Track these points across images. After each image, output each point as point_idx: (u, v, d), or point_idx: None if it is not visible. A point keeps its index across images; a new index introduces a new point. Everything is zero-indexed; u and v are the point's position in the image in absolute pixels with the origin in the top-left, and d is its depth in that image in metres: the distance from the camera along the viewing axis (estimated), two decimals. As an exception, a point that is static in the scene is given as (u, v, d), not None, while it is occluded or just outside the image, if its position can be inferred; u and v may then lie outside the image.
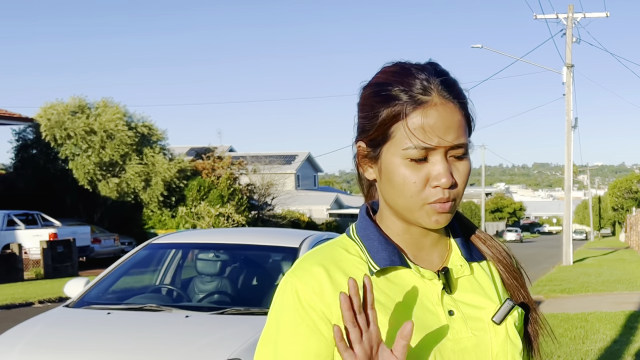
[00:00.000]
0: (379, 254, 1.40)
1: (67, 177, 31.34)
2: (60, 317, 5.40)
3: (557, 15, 28.80)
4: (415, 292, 1.39)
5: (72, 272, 21.80)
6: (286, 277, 1.40)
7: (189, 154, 42.42)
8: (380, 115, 1.37)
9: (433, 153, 1.34)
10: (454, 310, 1.40)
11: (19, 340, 4.84)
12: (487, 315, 1.41)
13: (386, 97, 1.37)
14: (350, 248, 1.45)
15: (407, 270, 1.41)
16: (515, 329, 1.42)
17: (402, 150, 1.34)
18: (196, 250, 6.21)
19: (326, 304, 1.35)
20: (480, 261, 1.50)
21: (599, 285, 17.79)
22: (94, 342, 4.80)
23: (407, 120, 1.34)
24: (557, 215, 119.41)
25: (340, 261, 1.41)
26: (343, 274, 1.38)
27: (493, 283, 1.48)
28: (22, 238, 23.51)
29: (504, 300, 1.43)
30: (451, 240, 1.49)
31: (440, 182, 1.34)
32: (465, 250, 1.48)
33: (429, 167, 1.35)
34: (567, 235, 28.66)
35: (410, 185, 1.35)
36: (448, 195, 1.35)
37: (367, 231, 1.45)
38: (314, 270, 1.38)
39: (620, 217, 68.65)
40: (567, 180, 28.93)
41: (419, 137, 1.33)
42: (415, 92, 1.35)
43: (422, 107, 1.34)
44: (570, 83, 28.23)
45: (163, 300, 5.81)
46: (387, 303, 1.37)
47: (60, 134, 30.88)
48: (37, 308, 14.24)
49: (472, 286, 1.45)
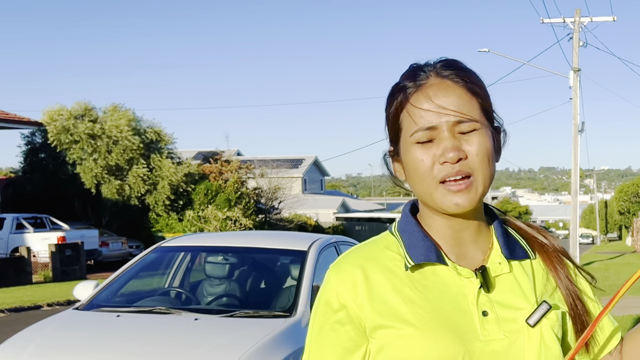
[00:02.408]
0: (415, 249, 1.40)
1: (75, 180, 31.42)
2: (70, 319, 5.43)
3: (564, 19, 28.77)
4: (450, 290, 1.38)
5: (80, 276, 21.83)
6: (328, 271, 1.45)
7: (197, 157, 42.46)
8: (390, 112, 1.43)
9: (438, 132, 1.35)
10: (488, 310, 1.36)
11: (29, 343, 4.88)
12: (522, 317, 1.37)
13: (392, 93, 1.43)
14: (391, 245, 1.45)
15: (444, 267, 1.40)
16: (553, 333, 1.37)
17: (410, 136, 1.37)
18: (205, 254, 6.25)
19: (358, 305, 1.37)
20: (522, 260, 1.45)
21: (606, 289, 17.69)
22: (104, 345, 4.83)
23: (407, 106, 1.38)
24: (564, 219, 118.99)
25: (379, 259, 1.42)
26: (379, 273, 1.40)
27: (533, 283, 1.43)
28: (31, 241, 23.56)
29: (540, 302, 1.38)
30: (493, 236, 1.46)
31: (446, 157, 1.33)
32: (506, 248, 1.43)
33: (436, 146, 1.35)
34: (574, 239, 28.59)
35: (420, 165, 1.36)
36: (458, 169, 1.33)
37: (407, 227, 1.45)
38: (351, 270, 1.41)
39: (626, 221, 68.39)
40: (574, 184, 28.88)
41: (420, 118, 1.36)
42: (416, 79, 1.39)
43: (420, 89, 1.37)
44: (577, 87, 28.19)
45: (172, 303, 5.84)
46: (419, 300, 1.36)
47: (66, 138, 30.99)
48: (46, 311, 14.28)
49: (510, 286, 1.41)
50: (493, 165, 1.40)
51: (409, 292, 1.37)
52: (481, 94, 1.40)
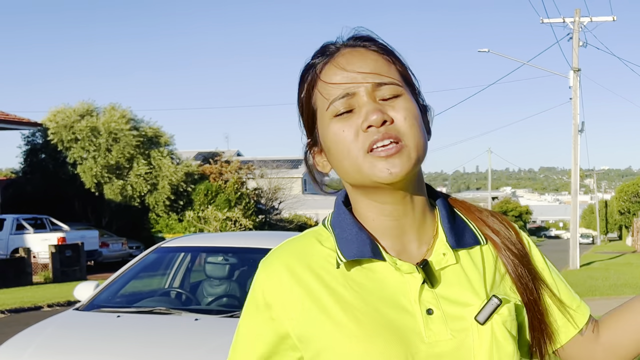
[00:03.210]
0: (348, 244, 1.25)
1: (75, 181, 31.44)
2: (71, 320, 5.44)
3: (564, 19, 28.80)
4: (389, 288, 1.23)
5: (81, 276, 21.83)
6: (257, 270, 1.33)
7: (197, 158, 42.47)
8: (302, 96, 1.29)
9: (357, 99, 1.21)
10: (433, 308, 1.22)
11: (29, 344, 4.88)
12: (471, 314, 1.22)
13: (302, 74, 1.29)
14: (324, 240, 1.30)
15: (382, 263, 1.24)
16: (505, 330, 1.23)
17: (326, 111, 1.23)
18: (205, 254, 6.25)
19: (284, 306, 1.25)
20: (471, 247, 1.30)
21: (606, 289, 17.75)
22: (104, 345, 4.83)
23: (318, 81, 1.25)
24: (564, 219, 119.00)
25: (310, 255, 1.28)
26: (308, 271, 1.26)
27: (483, 274, 1.28)
28: (31, 242, 23.57)
29: (490, 297, 1.23)
30: (438, 223, 1.31)
31: (370, 120, 1.19)
32: (452, 236, 1.28)
33: (357, 115, 1.21)
34: (574, 239, 28.63)
35: (342, 138, 1.21)
36: (385, 132, 1.18)
37: (340, 219, 1.29)
38: (279, 268, 1.28)
39: (627, 221, 68.36)
40: (574, 184, 28.89)
41: (334, 89, 1.22)
42: (325, 53, 1.27)
43: (331, 61, 1.25)
44: (577, 87, 28.21)
45: (172, 303, 5.85)
46: (354, 300, 1.22)
47: (67, 137, 31.03)
48: (46, 312, 14.29)
49: (457, 279, 1.26)
50: (424, 134, 1.24)
51: (343, 291, 1.23)
52: (400, 62, 1.27)
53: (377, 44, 1.27)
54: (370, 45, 1.26)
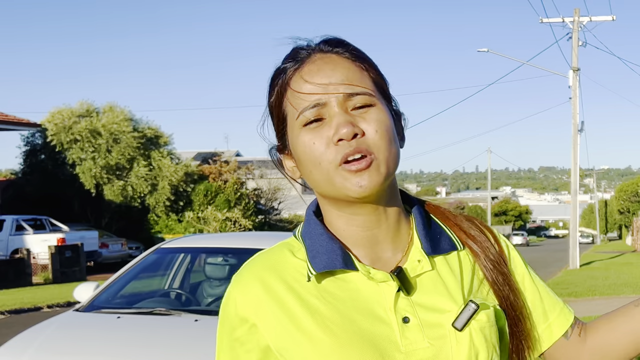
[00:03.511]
0: (318, 256, 1.22)
1: (75, 182, 31.45)
2: (71, 321, 5.44)
3: (563, 19, 28.80)
4: (363, 297, 1.21)
5: (80, 277, 21.84)
6: (230, 285, 1.29)
7: (196, 159, 42.47)
8: (272, 100, 1.25)
9: (328, 110, 1.18)
10: (409, 316, 1.19)
11: (30, 344, 4.88)
12: (448, 320, 1.20)
13: (273, 78, 1.26)
14: (296, 251, 1.28)
15: (355, 273, 1.22)
16: (483, 336, 1.20)
17: (296, 120, 1.20)
18: (204, 255, 6.25)
19: (261, 320, 1.22)
20: (448, 253, 1.28)
21: (606, 288, 17.75)
22: (105, 346, 4.83)
23: (288, 89, 1.22)
24: (564, 219, 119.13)
25: (282, 268, 1.25)
26: (282, 284, 1.23)
27: (460, 279, 1.26)
28: (31, 243, 23.59)
29: (467, 302, 1.21)
30: (414, 229, 1.28)
31: (340, 134, 1.16)
32: (427, 242, 1.26)
33: (327, 126, 1.18)
34: (574, 238, 28.63)
35: (312, 150, 1.18)
36: (355, 146, 1.16)
37: (310, 229, 1.27)
38: (252, 282, 1.25)
39: (626, 220, 68.39)
40: (574, 184, 28.90)
41: (305, 97, 1.19)
42: (296, 57, 1.23)
43: (302, 67, 1.21)
44: (577, 87, 28.21)
45: (172, 304, 5.84)
46: (328, 313, 1.19)
47: (66, 137, 31.03)
48: (46, 312, 14.29)
49: (434, 285, 1.23)
50: (396, 145, 1.22)
51: (317, 303, 1.20)
52: (373, 69, 1.24)
53: (349, 50, 1.24)
54: (342, 51, 1.23)
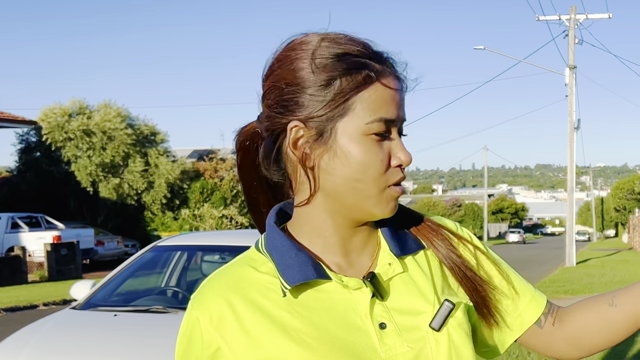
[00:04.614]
0: (290, 269, 1.18)
1: (70, 179, 31.43)
2: (67, 319, 5.42)
3: (560, 16, 28.79)
4: (338, 307, 1.18)
5: (76, 275, 21.82)
6: (189, 303, 1.23)
7: (192, 156, 42.43)
8: (335, 85, 1.16)
9: (393, 129, 1.19)
10: (385, 322, 1.18)
11: (26, 342, 4.86)
12: (425, 322, 1.19)
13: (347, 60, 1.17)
14: (260, 265, 1.22)
15: (328, 282, 1.19)
16: (463, 333, 1.21)
17: (365, 124, 1.15)
18: (201, 253, 6.24)
19: (227, 343, 1.16)
20: (415, 252, 1.27)
21: (602, 286, 17.77)
22: (101, 345, 4.82)
23: (373, 86, 1.17)
24: (560, 217, 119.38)
25: (246, 285, 1.20)
26: (246, 302, 1.18)
27: (431, 278, 1.25)
28: (26, 241, 23.54)
29: (442, 302, 1.20)
30: (380, 233, 1.27)
31: (403, 160, 1.18)
32: (395, 244, 1.25)
33: (391, 144, 1.18)
34: (570, 236, 28.64)
35: (377, 165, 1.16)
36: (402, 175, 1.19)
37: (275, 242, 1.22)
38: (215, 302, 1.19)
39: (623, 218, 68.57)
40: (570, 182, 28.92)
41: (386, 108, 1.17)
42: (376, 59, 1.19)
43: (384, 74, 1.18)
44: (573, 84, 28.22)
45: (169, 302, 5.83)
46: (302, 326, 1.15)
47: (60, 136, 30.99)
48: (42, 310, 14.27)
49: (406, 287, 1.22)
50: None
51: (289, 318, 1.16)
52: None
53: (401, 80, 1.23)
54: (400, 76, 1.22)
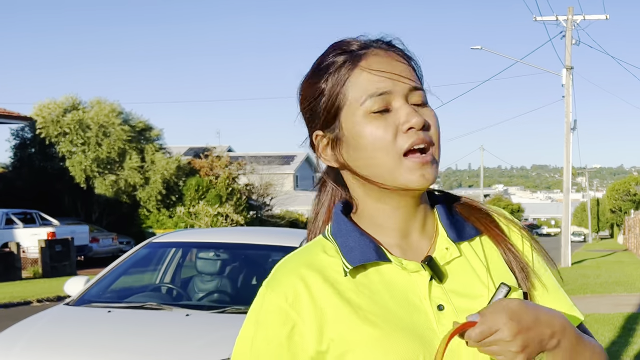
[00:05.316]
0: (352, 251, 1.25)
1: (65, 175, 31.37)
2: (61, 315, 5.40)
3: (557, 17, 28.81)
4: (399, 288, 1.23)
5: (70, 271, 21.77)
6: (262, 287, 1.29)
7: (187, 154, 42.41)
8: (324, 87, 1.25)
9: (394, 100, 1.21)
10: (443, 304, 1.22)
11: (19, 338, 4.84)
12: (481, 305, 1.20)
13: (325, 67, 1.25)
14: (328, 249, 1.29)
15: (388, 265, 1.25)
16: None
17: (361, 106, 1.21)
18: (196, 250, 6.22)
19: (301, 316, 1.22)
20: (472, 239, 1.31)
21: (598, 287, 17.79)
22: (95, 341, 4.80)
23: (353, 73, 1.22)
24: (556, 217, 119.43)
25: (320, 265, 1.27)
26: (322, 280, 1.24)
27: (486, 263, 1.29)
28: (20, 237, 23.50)
29: (498, 285, 1.20)
30: (437, 219, 1.32)
31: (411, 122, 1.19)
32: (452, 229, 1.29)
33: (395, 115, 1.21)
34: (566, 237, 28.72)
35: (381, 138, 1.20)
36: (423, 137, 1.20)
37: (340, 227, 1.29)
38: (289, 281, 1.26)
39: (618, 219, 68.63)
40: (566, 182, 28.97)
41: (373, 83, 1.21)
42: (354, 49, 1.25)
43: (364, 57, 1.23)
44: (570, 85, 28.25)
45: (163, 299, 5.82)
46: (367, 305, 1.21)
47: (55, 130, 30.95)
48: (36, 307, 14.24)
49: (464, 271, 1.27)
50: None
51: (355, 297, 1.22)
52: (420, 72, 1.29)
53: (411, 57, 1.28)
54: (397, 51, 1.27)
